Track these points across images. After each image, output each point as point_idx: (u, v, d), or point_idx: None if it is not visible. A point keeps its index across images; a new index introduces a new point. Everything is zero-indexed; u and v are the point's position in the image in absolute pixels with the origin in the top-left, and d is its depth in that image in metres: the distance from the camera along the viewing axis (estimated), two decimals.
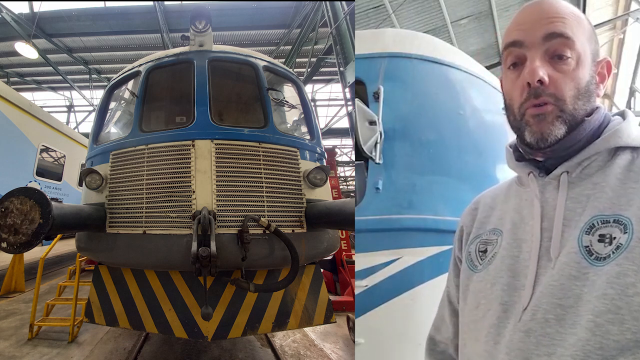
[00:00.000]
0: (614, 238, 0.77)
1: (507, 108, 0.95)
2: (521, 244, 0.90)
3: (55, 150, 8.27)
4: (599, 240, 0.79)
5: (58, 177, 8.41)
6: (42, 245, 3.44)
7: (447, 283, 1.17)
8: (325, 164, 3.53)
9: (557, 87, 0.87)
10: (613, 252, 0.76)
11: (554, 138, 0.87)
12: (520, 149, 0.98)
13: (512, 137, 1.02)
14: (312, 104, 7.65)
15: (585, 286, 0.77)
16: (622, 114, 0.95)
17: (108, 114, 4.05)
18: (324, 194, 3.32)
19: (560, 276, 0.80)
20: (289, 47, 13.73)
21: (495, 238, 0.98)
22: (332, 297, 5.54)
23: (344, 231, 6.63)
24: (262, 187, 2.92)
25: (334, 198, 4.04)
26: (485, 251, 0.98)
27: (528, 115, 0.89)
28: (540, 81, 0.86)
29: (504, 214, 1.00)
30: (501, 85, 1.02)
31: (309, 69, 13.40)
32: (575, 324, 0.75)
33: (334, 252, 3.52)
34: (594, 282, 0.76)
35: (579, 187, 0.87)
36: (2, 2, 11.47)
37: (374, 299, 2.16)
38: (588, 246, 0.79)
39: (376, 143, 2.38)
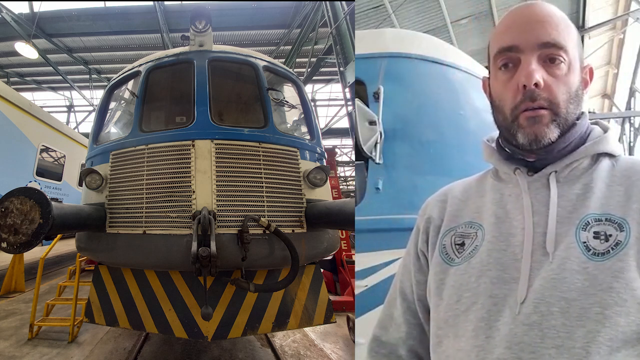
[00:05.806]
0: (610, 235, 0.82)
1: (497, 109, 0.97)
2: (509, 238, 0.90)
3: (55, 150, 8.27)
4: (594, 237, 0.83)
5: (58, 177, 8.41)
6: (42, 245, 3.44)
7: (399, 279, 1.12)
8: (325, 164, 3.53)
9: (551, 92, 0.89)
10: (612, 249, 0.80)
11: (547, 140, 0.90)
12: (506, 149, 0.99)
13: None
14: (312, 104, 7.65)
15: (586, 280, 0.79)
16: (596, 124, 1.02)
17: (108, 114, 4.05)
18: (324, 194, 3.31)
19: (561, 270, 0.81)
20: (289, 47, 13.73)
21: (473, 232, 0.97)
22: (332, 297, 5.54)
23: (344, 231, 6.63)
24: (262, 187, 2.92)
25: (334, 198, 4.04)
26: (462, 244, 0.96)
27: (522, 118, 0.91)
28: (537, 84, 0.88)
29: (481, 207, 0.99)
30: (485, 86, 1.03)
31: (309, 69, 13.39)
32: (582, 317, 0.77)
33: (334, 252, 3.52)
34: (596, 276, 0.78)
35: (568, 186, 0.91)
36: (2, 2, 11.48)
37: (374, 299, 2.15)
38: (585, 242, 0.83)
39: (376, 143, 2.39)
